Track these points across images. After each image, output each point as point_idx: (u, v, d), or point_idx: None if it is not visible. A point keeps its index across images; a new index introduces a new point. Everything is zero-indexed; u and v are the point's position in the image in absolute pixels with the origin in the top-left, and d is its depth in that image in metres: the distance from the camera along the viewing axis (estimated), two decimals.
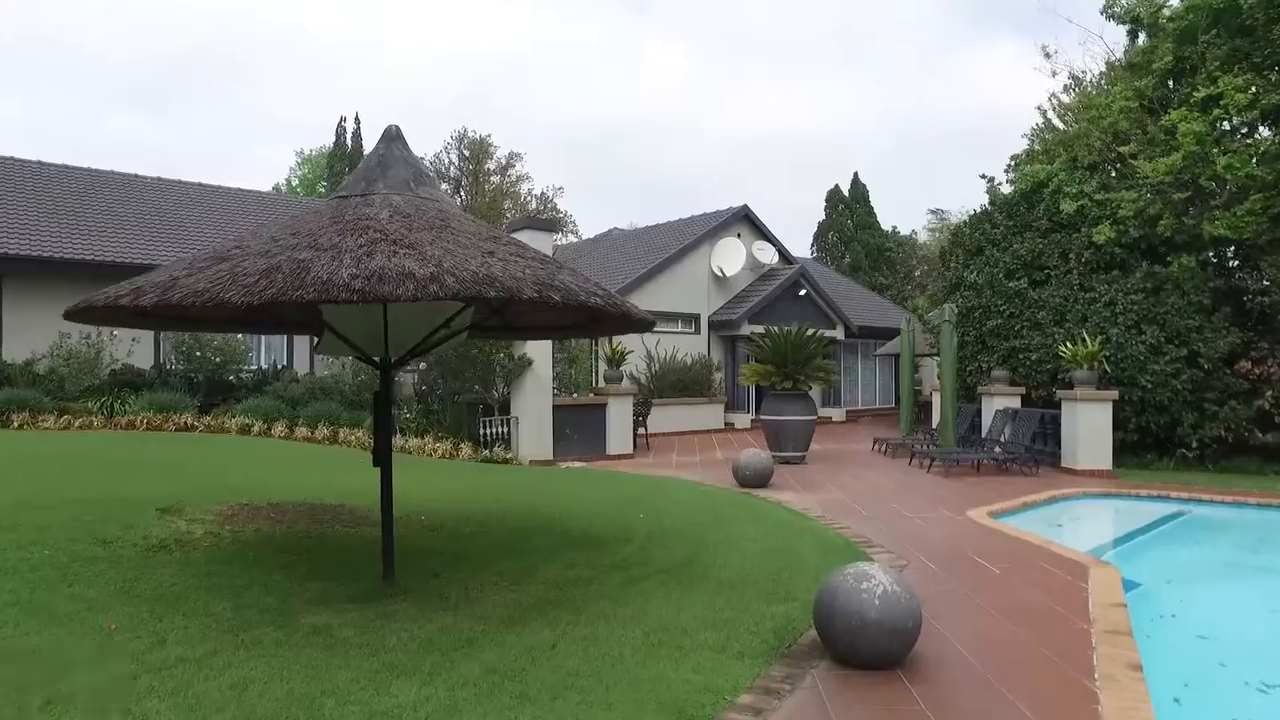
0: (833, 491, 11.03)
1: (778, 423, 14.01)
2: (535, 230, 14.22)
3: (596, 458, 14.93)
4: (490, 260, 4.64)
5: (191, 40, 64.96)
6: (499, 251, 4.89)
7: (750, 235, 24.06)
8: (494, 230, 5.76)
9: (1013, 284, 15.94)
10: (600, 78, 72.30)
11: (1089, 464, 12.77)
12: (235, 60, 66.40)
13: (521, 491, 10.70)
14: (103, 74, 63.43)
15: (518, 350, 14.25)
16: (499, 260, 4.71)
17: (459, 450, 14.25)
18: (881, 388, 29.98)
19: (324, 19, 67.32)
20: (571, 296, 4.58)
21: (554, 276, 4.74)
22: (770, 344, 14.23)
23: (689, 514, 9.08)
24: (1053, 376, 15.15)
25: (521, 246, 5.39)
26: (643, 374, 20.85)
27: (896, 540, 7.86)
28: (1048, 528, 8.95)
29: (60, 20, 59.55)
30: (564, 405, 14.84)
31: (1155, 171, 13.24)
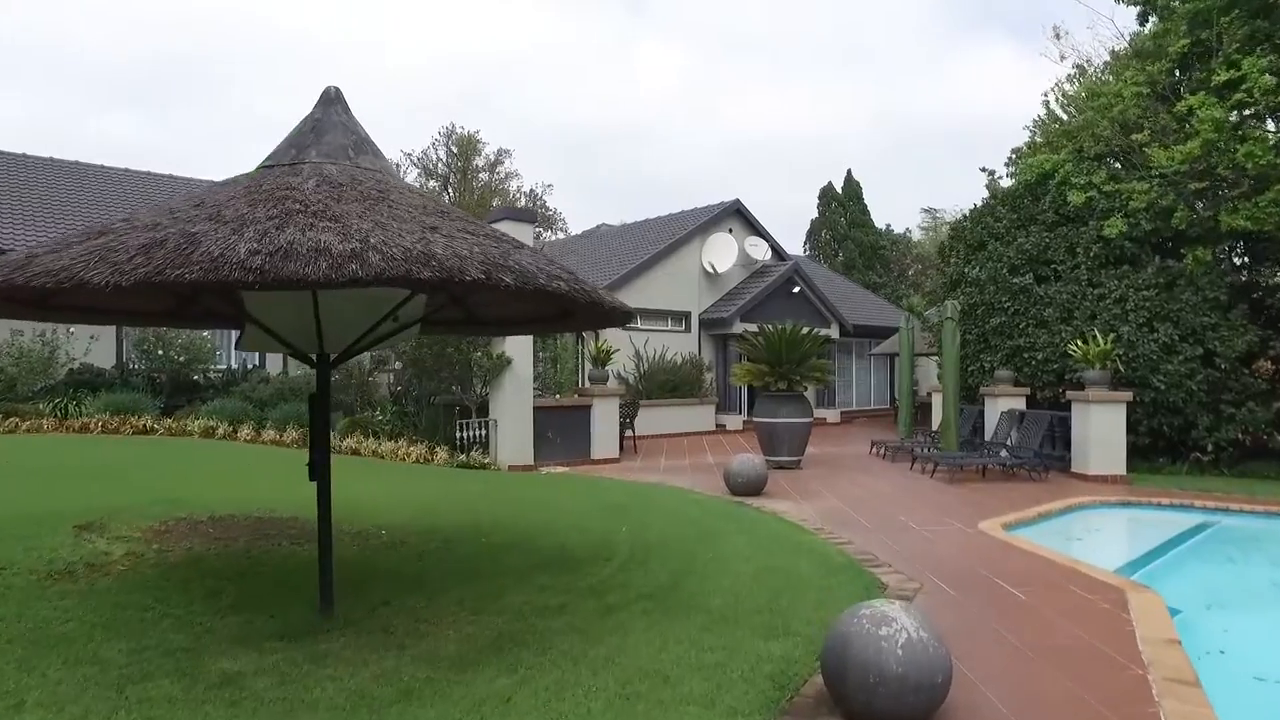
0: (831, 500, 10.26)
1: (771, 425, 13.24)
2: (514, 221, 13.41)
3: (580, 462, 14.14)
4: (431, 236, 3.85)
5: (183, 39, 63.83)
6: (444, 227, 4.09)
7: (742, 230, 23.29)
8: (445, 205, 4.95)
9: (1017, 280, 15.21)
10: (594, 78, 71.55)
11: (1101, 469, 12.04)
12: (229, 59, 65.36)
13: (496, 501, 9.90)
14: (93, 72, 62.24)
15: (496, 349, 13.44)
16: (442, 236, 3.92)
17: (434, 454, 13.44)
18: (876, 388, 29.28)
19: (316, 18, 66.30)
20: (528, 280, 3.79)
21: (507, 257, 3.95)
22: (763, 342, 13.46)
23: (676, 527, 8.30)
24: (1059, 376, 14.43)
25: (475, 224, 4.59)
26: (631, 374, 20.05)
27: (904, 557, 7.10)
28: (1067, 542, 8.22)
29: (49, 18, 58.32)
30: (546, 407, 14.04)
31: (1170, 160, 12.52)
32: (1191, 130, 12.53)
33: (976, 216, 17.24)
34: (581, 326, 7.42)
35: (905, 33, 76.11)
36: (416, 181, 56.49)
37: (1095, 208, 14.55)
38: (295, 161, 4.71)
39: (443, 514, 8.92)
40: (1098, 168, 14.94)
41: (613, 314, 4.97)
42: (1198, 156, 12.09)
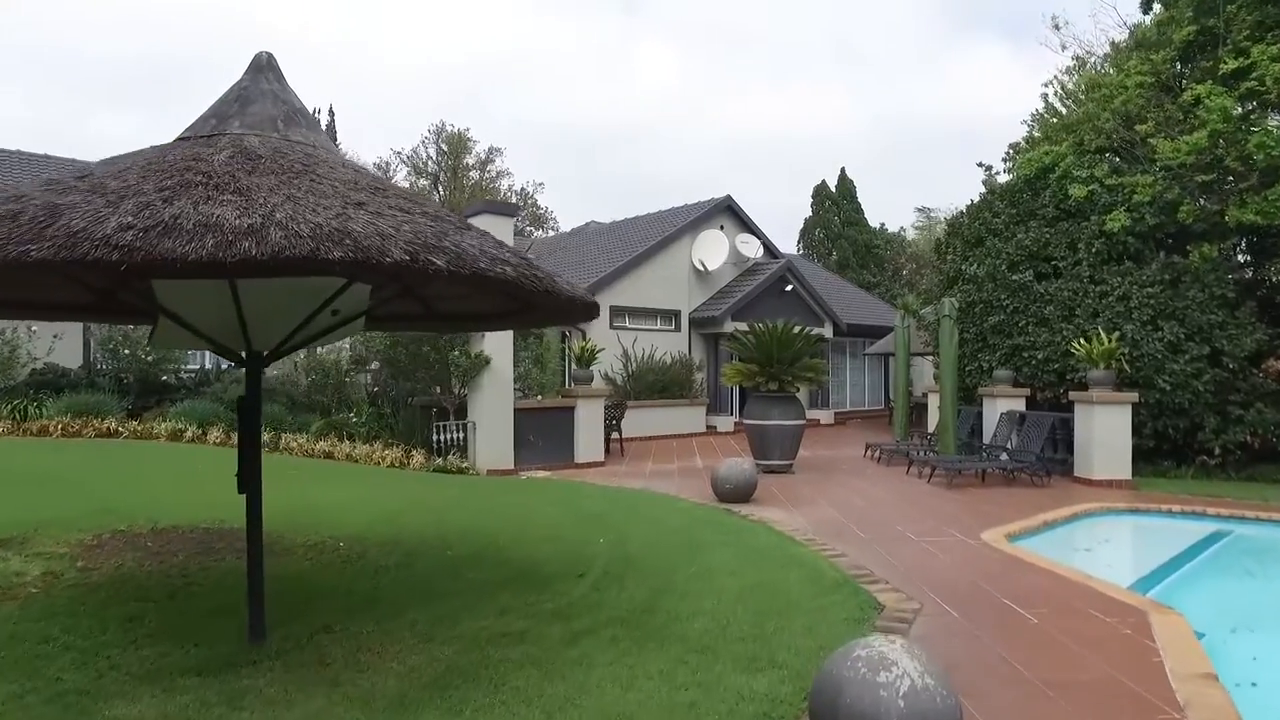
0: (824, 508, 9.71)
1: (762, 428, 12.70)
2: (492, 214, 12.84)
3: (563, 466, 13.57)
4: (351, 213, 3.28)
5: (179, 38, 63.05)
6: (372, 203, 3.53)
7: (734, 227, 22.75)
8: (382, 181, 4.39)
9: (1016, 277, 14.69)
10: (589, 78, 71.05)
11: (1106, 473, 11.52)
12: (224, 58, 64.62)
13: (468, 509, 9.34)
14: (90, 71, 61.39)
15: (475, 347, 12.87)
16: (367, 213, 3.35)
17: (411, 458, 12.88)
18: (871, 388, 28.77)
19: (314, 18, 65.55)
20: (464, 263, 3.24)
21: (443, 237, 3.39)
22: (754, 341, 12.91)
23: (657, 538, 7.74)
24: (1060, 376, 13.91)
25: (417, 203, 4.03)
26: (619, 374, 19.50)
27: (902, 572, 6.55)
28: (1075, 553, 7.69)
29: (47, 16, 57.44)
30: (527, 408, 13.47)
31: (1176, 152, 12.01)
32: (1198, 121, 12.03)
33: (974, 212, 16.74)
34: (545, 320, 6.86)
35: (901, 33, 75.78)
36: (406, 180, 55.94)
37: (1097, 202, 14.05)
38: (215, 133, 4.14)
39: (409, 523, 8.36)
40: (1099, 161, 14.45)
41: (573, 306, 4.42)
42: (1205, 148, 11.58)
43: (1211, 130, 11.48)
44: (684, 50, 76.79)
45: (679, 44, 77.10)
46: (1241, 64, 11.59)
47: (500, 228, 12.93)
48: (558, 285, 4.29)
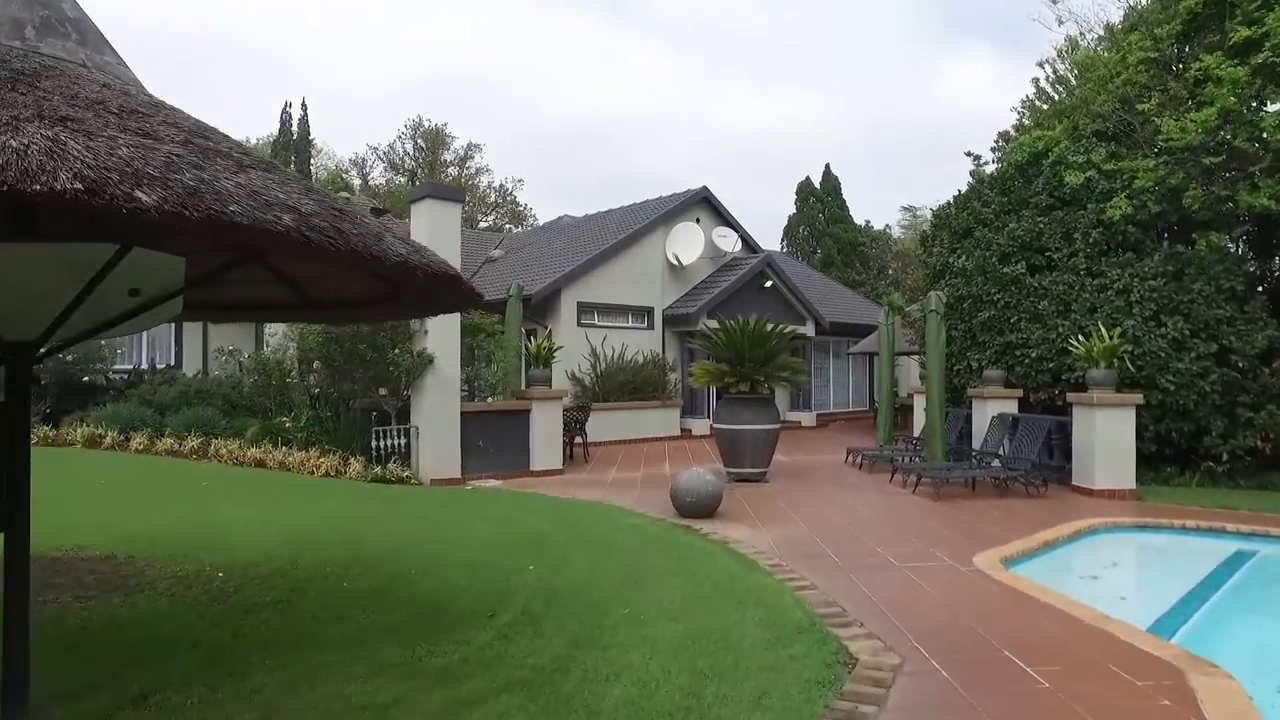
0: (796, 524, 8.62)
1: (733, 433, 11.61)
2: (438, 199, 11.69)
3: (517, 474, 12.44)
4: (66, 133, 2.14)
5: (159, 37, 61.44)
6: (114, 125, 2.39)
7: (710, 220, 21.66)
8: (158, 102, 3.24)
9: (1008, 269, 13.67)
10: (571, 77, 70.00)
11: (1108, 483, 10.49)
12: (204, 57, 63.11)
13: (391, 528, 8.19)
14: None
15: (418, 345, 11.72)
16: (97, 139, 2.22)
17: (348, 466, 11.72)
18: (855, 389, 27.76)
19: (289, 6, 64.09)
20: (211, 208, 2.10)
21: (210, 180, 2.25)
22: (724, 338, 11.82)
23: (597, 565, 6.64)
24: (1056, 377, 12.90)
25: (201, 136, 2.89)
26: (587, 374, 18.37)
27: (880, 611, 5.46)
28: (1082, 582, 6.64)
29: None
30: (476, 412, 12.32)
31: (1182, 132, 11.00)
32: (1206, 98, 11.03)
33: (962, 201, 15.71)
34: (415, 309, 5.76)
35: (888, 34, 75.04)
36: (383, 176, 54.75)
37: (1094, 189, 13.05)
38: None
39: (316, 545, 7.22)
40: (1096, 145, 13.45)
41: (435, 287, 3.34)
42: (1215, 125, 10.57)
43: (1221, 107, 10.47)
44: (669, 51, 75.86)
45: (665, 44, 76.14)
46: (1254, 34, 10.60)
47: (446, 214, 11.81)
48: (418, 259, 3.20)
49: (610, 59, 72.59)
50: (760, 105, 73.22)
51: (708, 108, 73.97)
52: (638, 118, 71.34)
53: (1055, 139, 13.93)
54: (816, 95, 74.96)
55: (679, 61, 75.15)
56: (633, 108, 71.21)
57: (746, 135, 72.11)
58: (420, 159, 54.60)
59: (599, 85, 70.48)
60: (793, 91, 74.62)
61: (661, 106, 72.54)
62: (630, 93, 71.71)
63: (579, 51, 70.58)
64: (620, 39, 74.23)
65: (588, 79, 70.56)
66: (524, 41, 68.92)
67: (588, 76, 70.77)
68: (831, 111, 72.90)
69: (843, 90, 75.16)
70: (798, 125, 72.72)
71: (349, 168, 55.41)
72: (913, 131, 71.88)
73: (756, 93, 75.18)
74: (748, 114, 72.72)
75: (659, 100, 72.84)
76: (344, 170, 54.59)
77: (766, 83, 75.81)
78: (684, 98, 74.31)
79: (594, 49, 71.76)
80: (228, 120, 65.67)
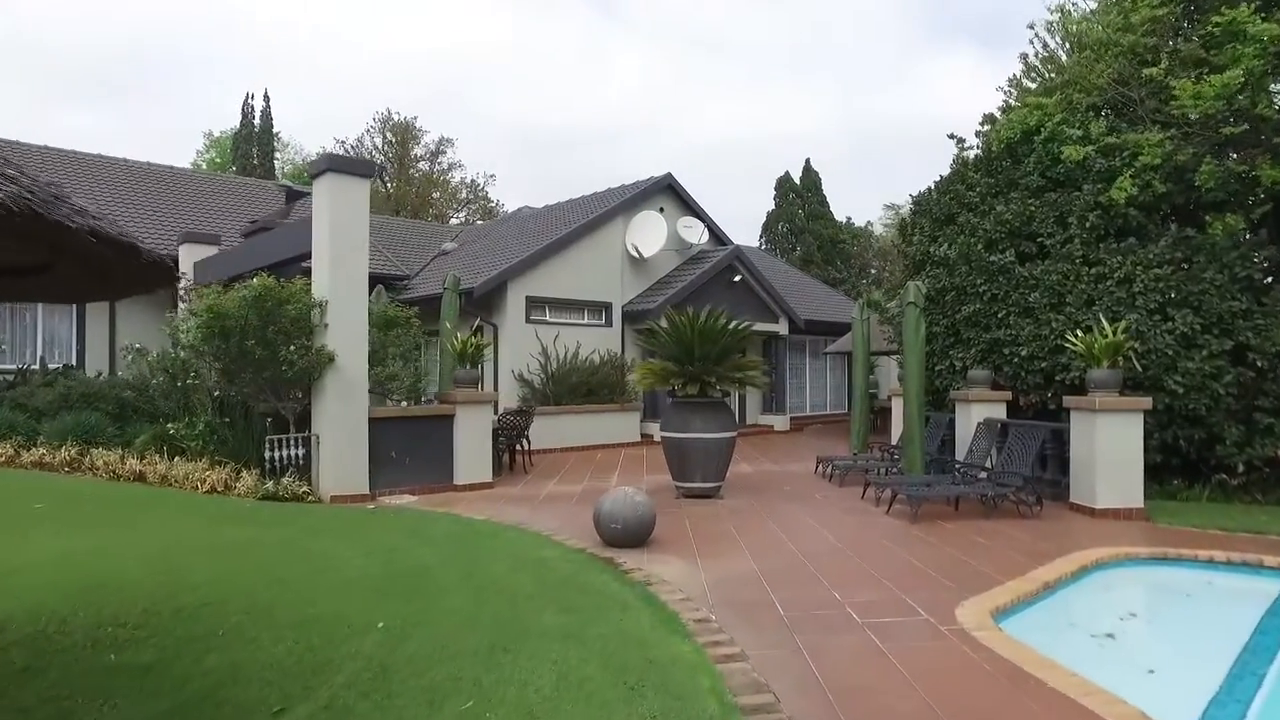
0: (742, 557, 7.09)
1: (680, 442, 10.07)
2: (340, 174, 10.07)
3: (439, 488, 10.86)
4: None
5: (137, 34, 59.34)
6: None
7: (675, 210, 20.12)
8: None
9: (995, 258, 12.21)
10: (553, 79, 68.61)
11: (1112, 500, 9.03)
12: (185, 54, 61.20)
13: (240, 562, 6.59)
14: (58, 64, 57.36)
15: (317, 341, 10.12)
16: None
17: (239, 480, 10.11)
18: (833, 390, 26.32)
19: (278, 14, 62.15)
20: None
21: None
22: (670, 333, 10.29)
23: (469, 620, 5.08)
24: (1049, 377, 11.46)
25: None
26: (536, 375, 16.79)
27: (829, 702, 3.94)
28: (1098, 646, 5.13)
29: None
30: (389, 418, 10.71)
31: (1198, 99, 9.56)
32: (1224, 61, 9.61)
33: (944, 185, 14.24)
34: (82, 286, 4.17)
35: (870, 36, 73.99)
36: None
37: (1091, 168, 11.61)
38: None
39: (118, 592, 5.62)
40: (1094, 118, 12.01)
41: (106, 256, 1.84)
42: (1240, 87, 9.13)
43: (1247, 68, 9.04)
44: (651, 53, 74.55)
45: (646, 46, 74.84)
46: None
47: (350, 190, 10.21)
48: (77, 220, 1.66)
49: (592, 59, 71.18)
50: (739, 107, 72.07)
51: (688, 110, 72.73)
52: (620, 119, 70.00)
53: (1050, 112, 12.48)
54: (798, 99, 73.86)
55: (663, 63, 73.83)
56: (614, 109, 69.92)
57: (726, 137, 70.91)
58: (390, 153, 52.82)
59: (578, 85, 69.08)
60: (775, 95, 73.56)
61: (644, 109, 71.26)
62: (612, 94, 70.43)
63: (557, 53, 69.14)
64: (604, 39, 72.80)
65: (566, 81, 69.15)
66: (507, 40, 67.51)
67: (567, 79, 69.35)
68: (812, 116, 71.86)
69: (823, 93, 74.12)
70: (778, 129, 71.72)
71: None
72: (895, 138, 70.95)
73: (737, 95, 73.95)
74: (727, 116, 71.56)
75: (641, 102, 71.56)
76: None
77: (748, 85, 74.57)
78: (667, 100, 73.02)
79: (576, 51, 70.32)
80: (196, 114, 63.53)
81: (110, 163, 19.83)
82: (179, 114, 63.37)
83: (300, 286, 10.06)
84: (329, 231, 10.03)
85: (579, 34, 71.39)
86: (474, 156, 71.66)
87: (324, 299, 10.08)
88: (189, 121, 64.13)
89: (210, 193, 20.28)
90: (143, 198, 18.55)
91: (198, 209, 18.98)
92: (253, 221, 16.82)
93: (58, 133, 56.68)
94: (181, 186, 20.03)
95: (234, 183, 22.99)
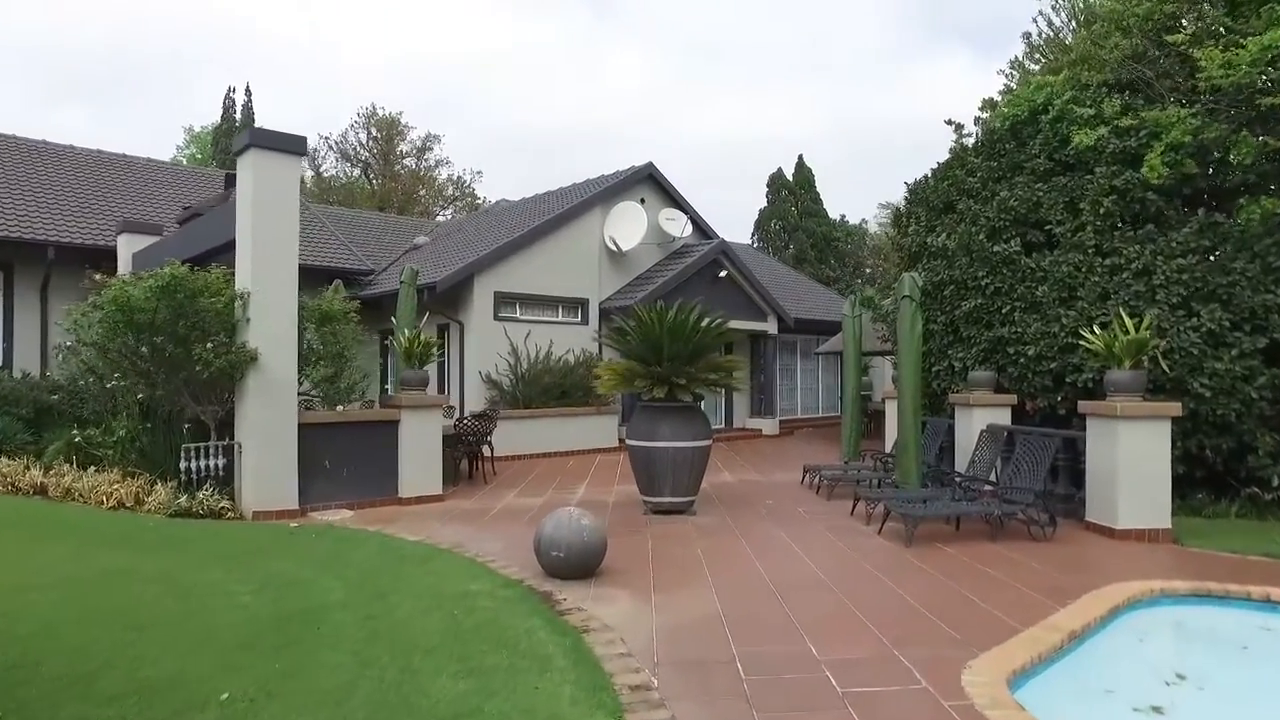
0: (705, 594, 5.96)
1: (647, 452, 8.96)
2: (266, 150, 8.92)
3: (381, 501, 9.74)
4: None
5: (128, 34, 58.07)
6: None
7: (657, 201, 19.01)
8: None
9: (998, 248, 11.11)
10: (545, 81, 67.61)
11: (1136, 520, 7.92)
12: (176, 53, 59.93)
13: (103, 599, 5.45)
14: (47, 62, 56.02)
15: (239, 337, 8.99)
16: None
17: (151, 493, 8.98)
18: (825, 392, 25.24)
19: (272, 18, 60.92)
20: None
21: None
22: (636, 330, 9.18)
23: (340, 689, 3.94)
24: (1058, 379, 10.37)
25: None
26: (505, 376, 15.66)
27: None
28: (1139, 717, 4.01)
29: None
30: (323, 424, 9.56)
31: (1232, 65, 8.47)
32: (1261, 22, 8.53)
33: (943, 171, 13.14)
34: None
35: (865, 38, 73.06)
36: (334, 167, 51.63)
37: (1104, 150, 10.52)
38: None
39: None
40: (1108, 96, 10.93)
41: None
42: (1278, 54, 8.04)
43: None
44: (646, 55, 73.64)
45: (642, 48, 73.91)
46: None
47: (278, 169, 9.08)
48: None
49: (586, 60, 70.20)
50: (736, 113, 71.20)
51: (684, 113, 71.91)
52: (612, 122, 68.99)
53: (1059, 89, 11.40)
54: (793, 103, 73.00)
55: (657, 66, 72.89)
56: (607, 111, 69.02)
57: (723, 141, 69.97)
58: (375, 150, 51.64)
59: (571, 86, 68.08)
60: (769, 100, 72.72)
61: (637, 111, 70.32)
62: (605, 95, 69.49)
63: (554, 50, 68.14)
64: (600, 39, 71.77)
65: (559, 80, 68.10)
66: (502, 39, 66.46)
67: (559, 77, 68.32)
68: (807, 120, 70.99)
69: (817, 98, 73.27)
70: (772, 133, 70.89)
71: None
72: (890, 144, 70.06)
73: (734, 99, 72.99)
74: (723, 118, 70.65)
75: (634, 104, 70.59)
76: None
77: (746, 89, 73.57)
78: (661, 103, 72.09)
79: (571, 52, 69.30)
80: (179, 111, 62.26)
81: (38, 147, 18.37)
82: (162, 111, 62.10)
83: (218, 276, 8.91)
84: (252, 214, 8.89)
85: (573, 34, 70.40)
86: (464, 156, 70.35)
87: (246, 290, 8.94)
88: (172, 118, 62.86)
89: (155, 181, 18.91)
90: (79, 185, 17.19)
91: (141, 198, 17.68)
92: (186, 207, 15.63)
93: (47, 129, 55.36)
94: (120, 174, 18.60)
95: (175, 170, 21.42)
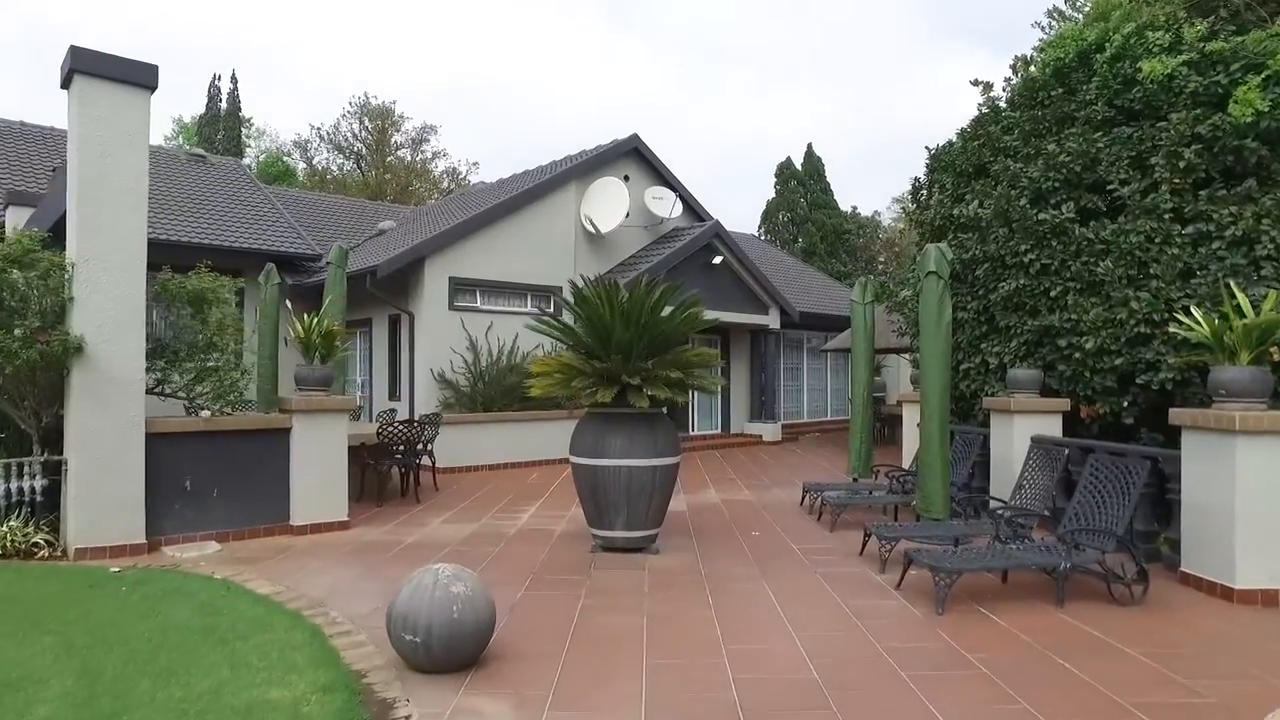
0: (629, 708, 3.82)
1: (593, 472, 6.85)
2: (96, 78, 6.84)
3: (265, 531, 7.67)
4: None
5: None
6: None
7: (643, 179, 16.89)
8: None
9: (1046, 215, 8.92)
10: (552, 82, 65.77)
11: (1262, 577, 5.72)
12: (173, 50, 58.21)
13: None
14: None
15: (68, 323, 6.91)
16: None
17: None
18: (835, 394, 23.05)
19: None
20: None
21: None
22: (585, 314, 7.06)
23: None
24: (1125, 379, 8.19)
25: None
26: (462, 374, 13.57)
27: None
28: None
29: None
30: (181, 434, 7.46)
31: None
32: None
33: (973, 129, 10.95)
34: None
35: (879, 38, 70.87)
36: (327, 158, 49.75)
37: (1182, 89, 8.33)
38: None
39: None
40: (1185, 24, 8.74)
41: None
42: None
43: None
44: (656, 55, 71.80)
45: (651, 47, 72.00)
46: None
47: (118, 104, 7.00)
48: None
49: (592, 57, 68.32)
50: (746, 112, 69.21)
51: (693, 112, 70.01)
52: (614, 121, 66.95)
53: (1117, 23, 9.21)
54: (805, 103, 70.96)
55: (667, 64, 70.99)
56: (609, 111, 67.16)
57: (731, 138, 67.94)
58: (368, 140, 49.76)
59: (578, 82, 66.18)
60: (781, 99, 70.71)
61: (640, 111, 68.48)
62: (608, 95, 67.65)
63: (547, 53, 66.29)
64: (600, 38, 69.87)
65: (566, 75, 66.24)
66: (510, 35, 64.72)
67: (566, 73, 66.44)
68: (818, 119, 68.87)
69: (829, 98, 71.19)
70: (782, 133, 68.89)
71: (291, 150, 50.45)
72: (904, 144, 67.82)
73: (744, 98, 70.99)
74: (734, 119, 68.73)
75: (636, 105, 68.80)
76: (285, 153, 49.77)
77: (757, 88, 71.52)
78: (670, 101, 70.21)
79: (572, 46, 67.41)
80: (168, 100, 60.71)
81: None
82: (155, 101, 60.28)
83: (21, 239, 6.85)
84: (79, 162, 6.81)
85: (572, 33, 68.49)
86: (463, 149, 68.39)
87: (71, 262, 6.87)
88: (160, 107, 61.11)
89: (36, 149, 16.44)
90: None
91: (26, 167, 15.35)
92: (53, 170, 13.67)
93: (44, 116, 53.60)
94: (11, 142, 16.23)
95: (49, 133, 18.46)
